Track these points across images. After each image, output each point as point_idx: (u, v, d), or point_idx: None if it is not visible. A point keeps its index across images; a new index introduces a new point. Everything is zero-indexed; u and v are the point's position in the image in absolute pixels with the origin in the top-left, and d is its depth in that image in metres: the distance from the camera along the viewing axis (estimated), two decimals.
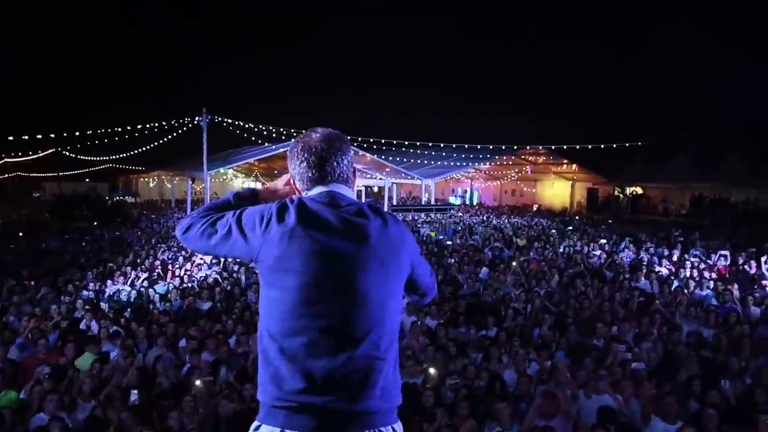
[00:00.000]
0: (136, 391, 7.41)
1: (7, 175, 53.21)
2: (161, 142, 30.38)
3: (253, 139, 31.43)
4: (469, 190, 53.73)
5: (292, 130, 29.23)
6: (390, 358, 1.97)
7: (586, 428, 5.96)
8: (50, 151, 42.00)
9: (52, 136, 32.94)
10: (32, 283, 16.61)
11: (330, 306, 1.91)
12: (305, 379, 1.86)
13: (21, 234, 31.43)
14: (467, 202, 50.13)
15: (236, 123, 28.59)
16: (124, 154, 39.24)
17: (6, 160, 49.57)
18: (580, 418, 6.40)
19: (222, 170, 41.69)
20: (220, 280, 15.94)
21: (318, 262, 1.92)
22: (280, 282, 1.95)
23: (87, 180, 54.24)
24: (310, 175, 2.07)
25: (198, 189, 42.50)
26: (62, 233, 30.68)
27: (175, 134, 28.55)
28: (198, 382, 7.61)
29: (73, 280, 16.73)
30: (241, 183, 64.30)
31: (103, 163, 47.81)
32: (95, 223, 33.48)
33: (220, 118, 27.52)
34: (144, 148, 31.56)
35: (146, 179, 54.58)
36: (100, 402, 7.43)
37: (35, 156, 43.20)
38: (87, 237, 28.74)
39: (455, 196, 53.02)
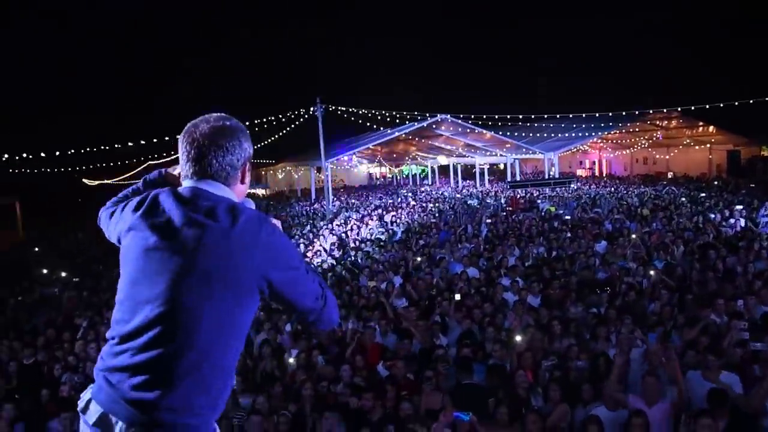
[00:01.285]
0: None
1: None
2: (281, 134, 31.34)
3: (368, 124, 31.65)
4: (597, 161, 51.27)
5: (405, 113, 29.17)
6: (196, 368, 1.78)
7: (692, 414, 5.36)
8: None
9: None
10: None
11: (141, 305, 1.82)
12: (117, 362, 1.83)
13: None
14: (596, 174, 47.89)
15: (350, 110, 28.94)
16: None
17: (149, 162, 53.65)
18: (691, 403, 5.78)
19: (344, 157, 42.41)
20: (334, 265, 16.23)
21: (142, 258, 1.85)
22: (121, 270, 1.93)
23: None
24: (185, 168, 1.96)
25: (323, 177, 43.64)
26: None
27: (292, 126, 29.34)
28: (291, 360, 7.84)
29: None
30: (366, 168, 65.42)
31: None
32: None
33: (334, 107, 27.95)
34: (265, 142, 32.66)
35: (274, 171, 56.80)
36: None
37: (174, 156, 46.12)
38: None
39: (582, 168, 50.81)
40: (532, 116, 35.13)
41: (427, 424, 5.60)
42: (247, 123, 29.84)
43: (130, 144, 35.16)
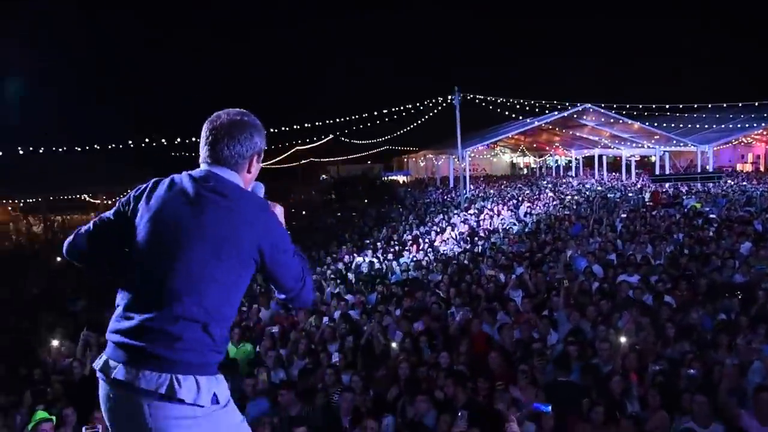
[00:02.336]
0: (336, 353, 7.99)
1: (300, 162, 60.50)
2: (419, 122, 31.67)
3: (506, 113, 31.13)
4: (762, 155, 46.82)
5: (545, 102, 28.34)
6: (203, 322, 2.02)
7: None
8: (329, 137, 46.50)
9: (329, 122, 36.23)
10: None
11: (153, 260, 2.06)
12: (125, 324, 2.05)
13: (303, 213, 35.63)
14: (760, 169, 43.77)
15: (488, 99, 28.61)
16: (388, 137, 41.74)
17: (297, 148, 56.44)
18: None
19: (482, 146, 42.08)
20: (455, 253, 16.27)
21: (156, 228, 2.08)
22: (132, 242, 2.14)
23: (369, 162, 58.97)
24: (202, 152, 2.20)
25: (462, 166, 43.56)
26: (338, 211, 34.02)
27: (430, 114, 29.53)
28: (394, 345, 8.03)
29: (330, 253, 18.50)
30: (508, 159, 64.48)
31: (375, 146, 51.70)
32: (366, 201, 36.41)
33: (471, 96, 27.76)
34: (402, 131, 33.18)
35: (416, 158, 57.50)
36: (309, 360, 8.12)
37: (318, 143, 48.35)
38: (354, 214, 31.44)
39: (744, 162, 46.64)
40: (680, 105, 32.77)
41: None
42: (386, 111, 30.61)
43: (284, 129, 37.00)
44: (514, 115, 32.39)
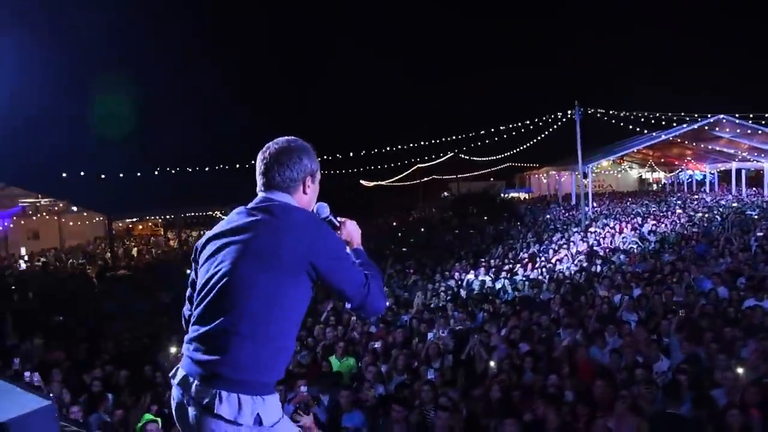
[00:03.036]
0: (431, 369, 7.99)
1: (421, 179, 61.00)
2: (539, 138, 31.09)
3: (630, 127, 29.79)
4: None
5: (671, 115, 26.82)
6: (247, 336, 2.10)
7: None
8: (450, 154, 46.60)
9: (449, 139, 36.38)
10: (411, 271, 18.96)
11: (208, 289, 2.21)
12: (189, 336, 2.24)
13: (422, 230, 35.83)
14: None
15: (610, 113, 27.55)
16: (508, 153, 41.18)
17: (418, 165, 57.00)
18: None
19: (605, 162, 40.47)
20: (572, 272, 15.73)
21: (214, 253, 2.27)
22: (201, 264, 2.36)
23: (492, 179, 58.45)
24: (258, 181, 2.36)
25: (585, 182, 42.14)
26: (456, 228, 33.92)
27: (550, 130, 28.87)
28: (492, 363, 7.91)
29: (443, 270, 18.49)
30: (636, 174, 61.55)
31: (496, 163, 51.15)
32: (485, 219, 36.05)
33: (592, 110, 26.85)
34: (521, 147, 32.64)
35: (539, 175, 56.23)
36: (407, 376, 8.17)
37: (438, 160, 48.64)
38: (472, 231, 31.20)
39: None
40: None
41: None
42: (505, 127, 30.29)
43: (399, 147, 37.55)
44: (638, 129, 30.94)
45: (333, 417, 6.99)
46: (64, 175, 20.76)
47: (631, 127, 29.77)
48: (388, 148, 37.30)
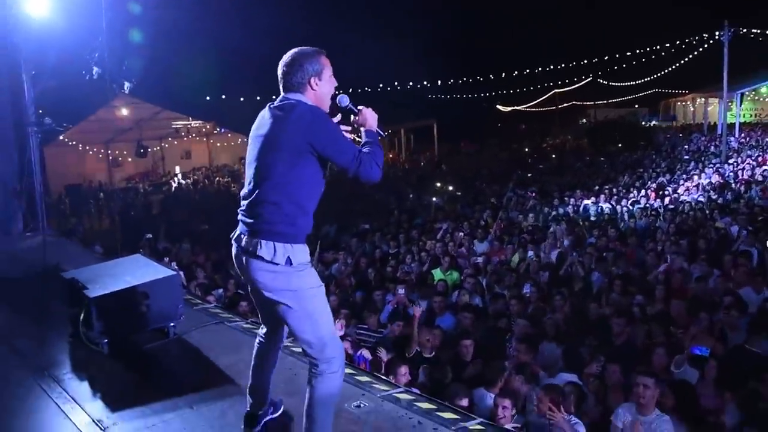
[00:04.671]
0: (528, 285, 8.52)
1: (558, 106, 59.09)
2: (680, 63, 29.09)
3: None
4: None
5: None
6: (275, 202, 2.79)
7: None
8: (587, 79, 44.68)
9: (584, 62, 34.92)
10: (533, 194, 19.23)
11: (248, 166, 2.93)
12: (241, 206, 2.93)
13: (553, 156, 35.30)
14: None
15: (766, 33, 25.17)
16: (648, 78, 38.85)
17: (555, 90, 55.11)
18: None
19: (763, 88, 37.08)
20: (694, 205, 15.26)
21: (251, 137, 2.93)
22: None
23: (636, 106, 55.50)
24: (280, 86, 2.95)
25: (735, 111, 39.01)
26: (588, 156, 33.10)
27: (695, 53, 26.95)
28: None
29: (563, 197, 18.53)
30: None
31: (639, 89, 48.40)
32: (619, 146, 34.77)
33: (744, 30, 24.70)
34: (665, 71, 30.69)
35: (683, 103, 52.55)
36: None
37: (575, 85, 46.83)
38: (603, 159, 30.36)
39: None
40: None
41: None
42: (645, 50, 28.62)
43: (538, 70, 36.57)
44: None
45: (427, 318, 7.72)
46: (207, 98, 22.59)
47: None
48: (526, 71, 36.56)
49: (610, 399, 5.45)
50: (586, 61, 35.08)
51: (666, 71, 35.07)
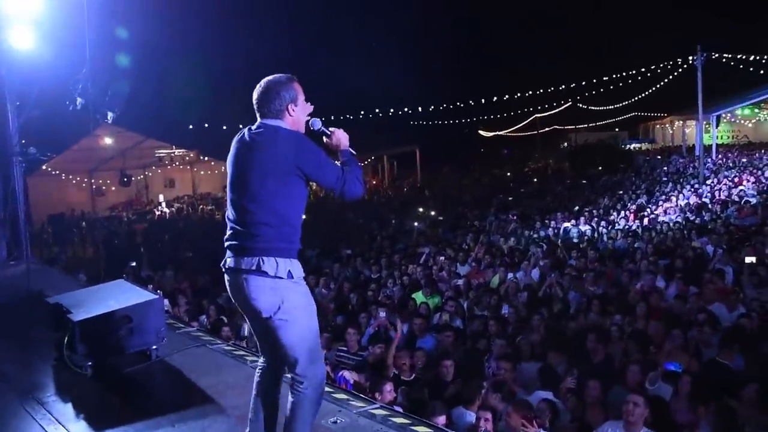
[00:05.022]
0: (506, 306, 8.70)
1: (539, 130, 59.91)
2: (658, 87, 29.70)
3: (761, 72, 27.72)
4: None
5: None
6: (271, 224, 2.93)
7: None
8: (568, 104, 45.43)
9: (563, 87, 35.49)
10: (514, 217, 19.52)
11: (235, 191, 3.03)
12: (230, 231, 3.04)
13: (534, 180, 35.73)
14: None
15: (739, 57, 25.86)
16: (626, 102, 39.59)
17: (536, 115, 55.97)
18: None
19: (742, 111, 37.82)
20: (672, 225, 15.56)
21: (233, 163, 3.05)
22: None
23: (617, 129, 56.39)
24: (256, 112, 3.09)
25: (713, 133, 39.75)
26: (569, 179, 33.55)
27: (670, 77, 27.56)
28: None
29: (545, 219, 18.80)
30: None
31: (619, 113, 49.28)
32: (599, 169, 35.26)
33: (717, 55, 25.35)
34: (641, 95, 31.31)
35: (661, 126, 53.54)
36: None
37: (556, 110, 47.57)
38: (585, 182, 30.81)
39: None
40: None
41: None
42: (616, 76, 29.21)
43: (518, 95, 37.10)
44: None
45: (408, 341, 7.84)
46: (190, 126, 22.73)
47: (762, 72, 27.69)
48: (506, 97, 37.07)
49: (588, 416, 5.59)
50: (564, 87, 35.76)
51: (643, 95, 35.76)
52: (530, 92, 36.71)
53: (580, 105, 44.76)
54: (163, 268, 13.14)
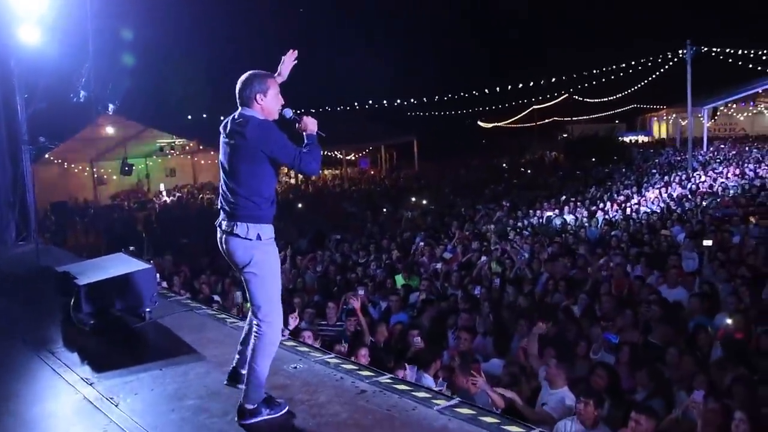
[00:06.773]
0: (479, 287, 9.40)
1: (537, 122, 60.42)
2: (649, 80, 30.22)
3: (751, 66, 28.23)
4: None
5: None
6: (244, 195, 3.57)
7: None
8: (565, 95, 45.99)
9: (564, 78, 36.04)
10: (506, 206, 20.15)
11: (222, 170, 3.71)
12: (219, 199, 3.75)
13: (528, 171, 36.27)
14: None
15: (728, 52, 26.37)
16: (620, 95, 40.07)
17: (534, 107, 56.53)
18: None
19: (734, 104, 38.30)
20: (650, 214, 16.19)
21: (221, 149, 3.70)
22: None
23: (617, 121, 56.81)
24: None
25: (707, 125, 40.24)
26: (563, 171, 34.06)
27: (661, 71, 28.08)
28: None
29: (529, 209, 19.40)
30: None
31: (616, 105, 49.77)
32: (593, 160, 35.77)
33: (706, 49, 25.84)
34: (635, 88, 31.82)
35: (657, 118, 54.00)
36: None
37: (554, 102, 48.15)
38: (578, 173, 31.34)
39: None
40: None
41: None
42: (608, 68, 29.70)
43: (515, 87, 37.61)
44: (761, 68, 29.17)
45: (385, 316, 8.56)
46: (189, 117, 23.38)
47: (752, 66, 28.17)
48: (499, 88, 37.64)
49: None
50: (563, 78, 36.34)
51: (637, 87, 36.25)
52: (528, 84, 37.38)
53: (576, 97, 45.20)
54: (162, 254, 13.83)
